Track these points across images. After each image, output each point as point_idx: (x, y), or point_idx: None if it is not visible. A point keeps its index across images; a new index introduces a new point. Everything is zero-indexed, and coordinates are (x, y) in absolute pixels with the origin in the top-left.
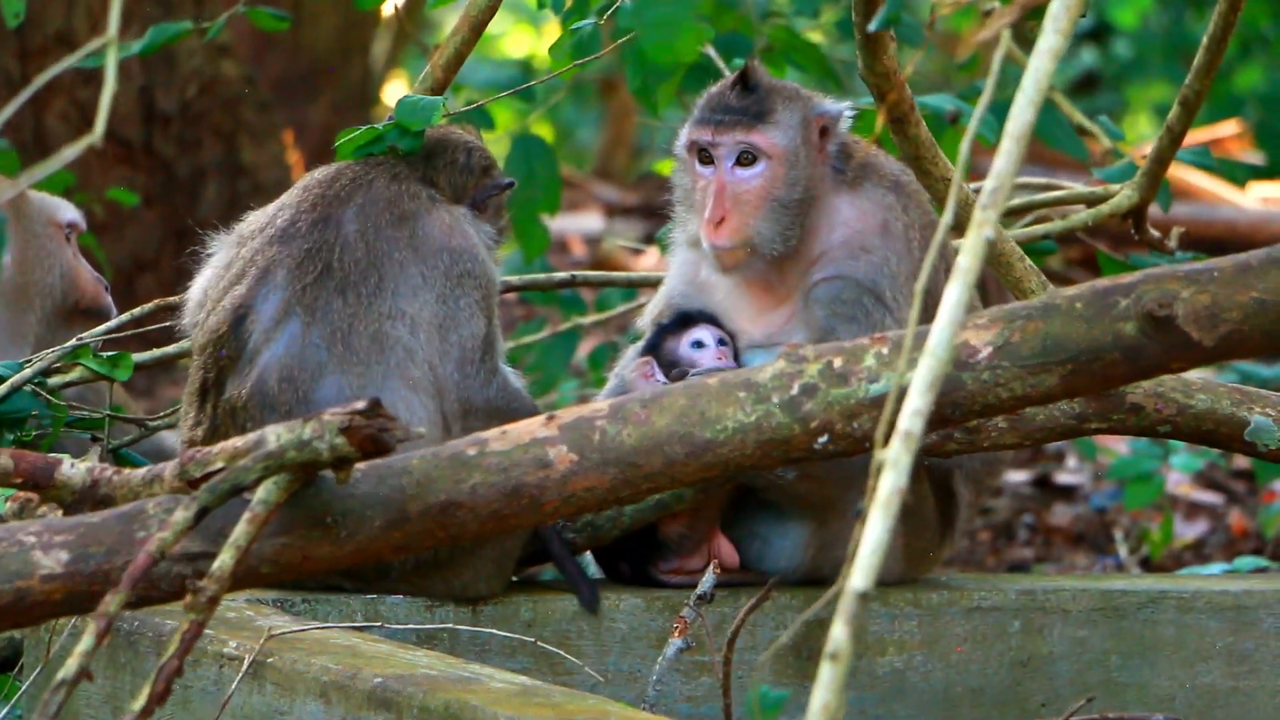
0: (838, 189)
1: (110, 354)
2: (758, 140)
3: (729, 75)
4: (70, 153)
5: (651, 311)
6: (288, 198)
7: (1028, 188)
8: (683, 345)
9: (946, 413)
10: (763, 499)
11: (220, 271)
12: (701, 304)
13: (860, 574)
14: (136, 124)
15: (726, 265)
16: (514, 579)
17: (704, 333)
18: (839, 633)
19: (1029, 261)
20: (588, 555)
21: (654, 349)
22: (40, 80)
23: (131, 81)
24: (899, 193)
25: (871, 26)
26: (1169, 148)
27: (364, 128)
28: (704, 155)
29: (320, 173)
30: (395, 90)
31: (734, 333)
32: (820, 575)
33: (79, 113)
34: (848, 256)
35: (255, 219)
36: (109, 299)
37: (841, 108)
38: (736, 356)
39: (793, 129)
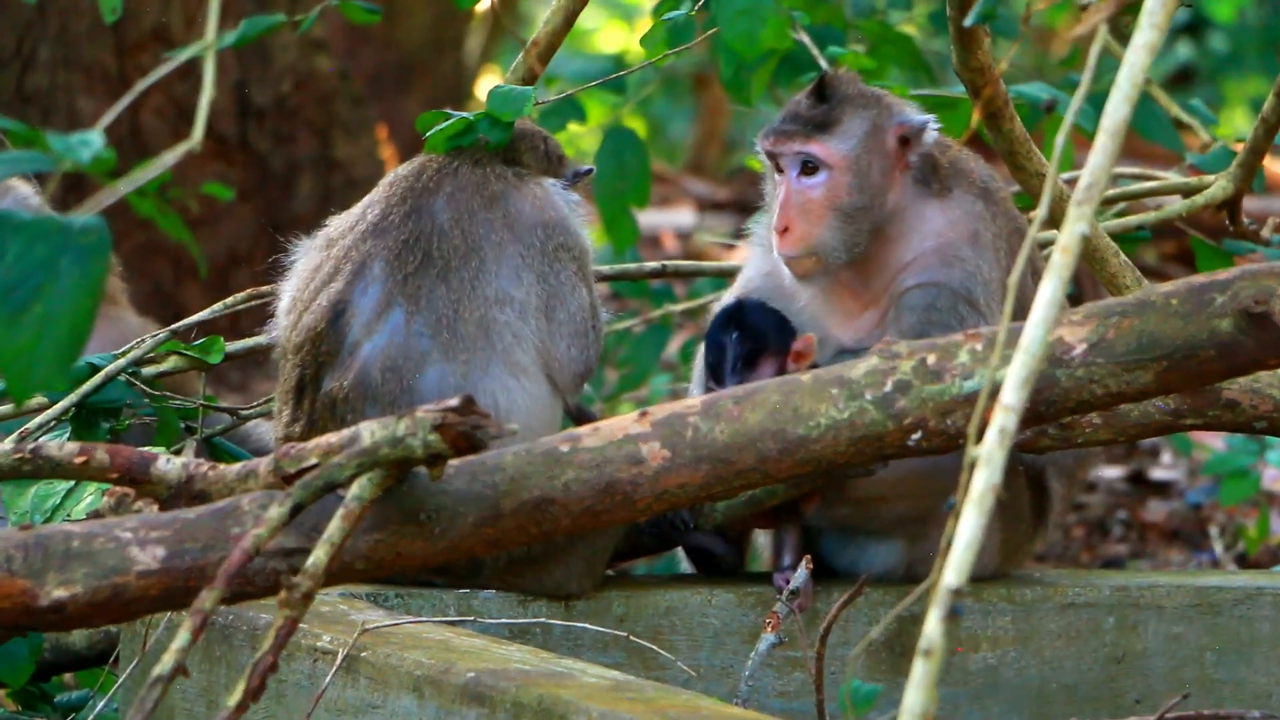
0: (924, 197)
1: (200, 340)
2: (815, 150)
3: (824, 65)
4: (170, 158)
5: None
6: (375, 194)
7: (1122, 178)
8: None
9: (1041, 410)
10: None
11: (309, 275)
12: (782, 306)
13: (954, 570)
14: (231, 119)
15: (799, 274)
16: (608, 573)
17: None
18: (932, 629)
19: (1124, 257)
20: (678, 551)
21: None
22: (141, 86)
23: (226, 77)
24: (988, 200)
25: (967, 22)
26: (1264, 138)
27: (453, 117)
28: (777, 162)
29: (404, 168)
30: (489, 84)
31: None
32: (916, 580)
33: (175, 108)
34: (941, 264)
35: (341, 220)
36: None
37: (926, 119)
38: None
39: (856, 137)
